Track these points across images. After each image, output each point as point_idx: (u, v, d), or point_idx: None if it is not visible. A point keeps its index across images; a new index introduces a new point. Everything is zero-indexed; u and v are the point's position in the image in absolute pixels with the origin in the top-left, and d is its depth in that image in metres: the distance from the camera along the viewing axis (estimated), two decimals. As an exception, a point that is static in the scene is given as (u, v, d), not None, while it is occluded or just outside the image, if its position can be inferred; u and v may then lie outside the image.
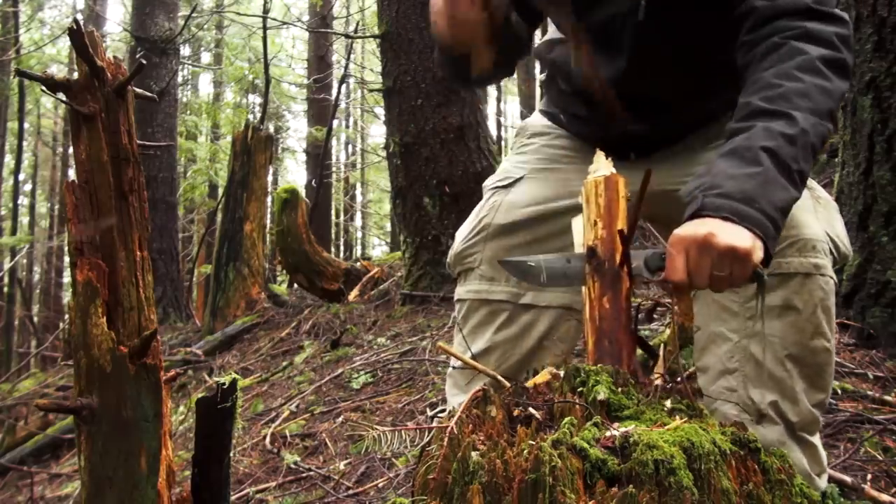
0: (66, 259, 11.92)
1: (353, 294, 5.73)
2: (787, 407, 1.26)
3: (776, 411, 1.27)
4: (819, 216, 1.31)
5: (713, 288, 1.03)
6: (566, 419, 0.81)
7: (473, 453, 0.76)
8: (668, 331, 1.29)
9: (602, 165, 1.13)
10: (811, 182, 1.34)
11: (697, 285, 1.02)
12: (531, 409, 0.89)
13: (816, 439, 1.35)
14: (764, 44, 1.16)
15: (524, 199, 1.48)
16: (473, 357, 1.44)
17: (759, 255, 1.01)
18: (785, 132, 1.07)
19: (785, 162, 1.06)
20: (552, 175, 1.48)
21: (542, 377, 1.00)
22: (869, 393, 2.18)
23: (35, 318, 14.24)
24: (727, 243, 0.99)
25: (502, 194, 1.52)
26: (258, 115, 11.62)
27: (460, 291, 1.53)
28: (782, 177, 1.05)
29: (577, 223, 1.16)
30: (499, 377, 1.11)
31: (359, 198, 19.98)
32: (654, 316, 1.05)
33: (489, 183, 1.58)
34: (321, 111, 12.45)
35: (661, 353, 1.12)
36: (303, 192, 7.00)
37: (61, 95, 1.65)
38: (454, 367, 1.52)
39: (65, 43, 12.89)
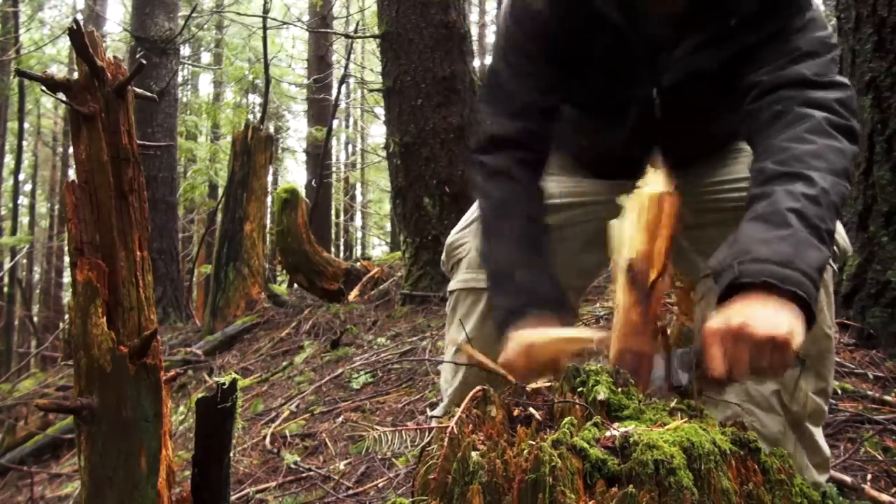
0: (66, 259, 11.93)
1: (353, 294, 5.73)
2: (788, 397, 1.27)
3: (778, 401, 1.27)
4: None
5: (756, 378, 0.99)
6: (566, 419, 0.81)
7: (473, 453, 0.76)
8: (668, 331, 1.28)
9: (654, 180, 1.12)
10: None
11: (737, 378, 0.98)
12: (531, 409, 0.89)
13: (819, 433, 1.35)
14: (768, 111, 1.18)
15: None
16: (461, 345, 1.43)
17: (798, 339, 0.97)
18: (807, 193, 1.05)
19: (813, 222, 1.04)
20: (546, 176, 1.49)
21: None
22: (869, 393, 2.18)
23: (35, 318, 14.25)
24: (764, 333, 0.95)
25: None
26: (258, 115, 11.63)
27: (451, 284, 1.54)
28: (813, 237, 1.03)
29: (617, 229, 1.14)
30: (498, 369, 1.11)
31: (359, 198, 19.98)
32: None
33: None
34: (321, 111, 12.45)
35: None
36: (303, 192, 7.00)
37: (61, 95, 1.65)
38: (445, 362, 1.53)
39: (65, 43, 12.89)
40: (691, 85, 1.27)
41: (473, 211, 1.54)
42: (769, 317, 0.96)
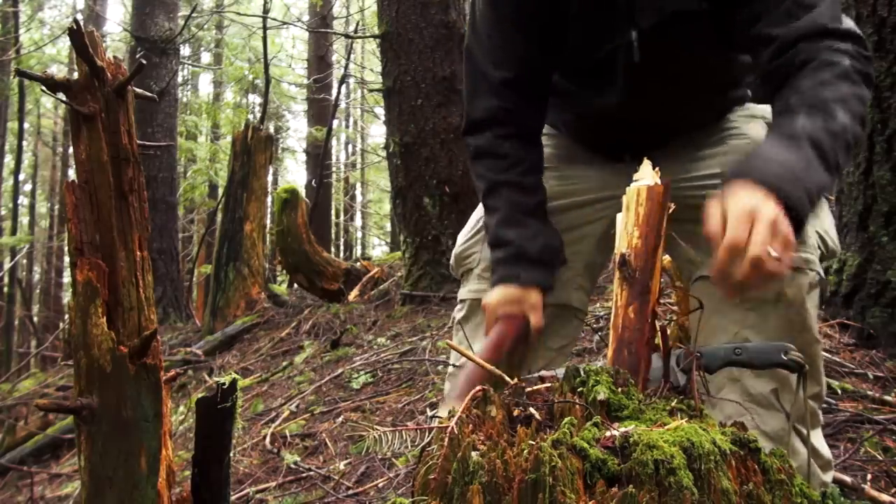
0: (66, 259, 11.93)
1: (353, 294, 5.73)
2: (786, 397, 1.27)
3: (776, 399, 1.28)
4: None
5: (752, 251, 0.99)
6: (566, 419, 0.81)
7: (473, 453, 0.75)
8: (667, 330, 1.27)
9: (647, 174, 1.11)
10: None
11: (735, 241, 1.00)
12: (531, 409, 0.89)
13: (818, 435, 1.35)
14: (791, 65, 1.20)
15: None
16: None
17: (794, 242, 1.02)
18: (826, 127, 1.11)
19: (825, 152, 1.09)
20: (548, 174, 1.48)
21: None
22: (869, 393, 2.18)
23: (35, 318, 14.25)
24: (770, 213, 1.00)
25: None
26: (258, 115, 11.63)
27: (462, 292, 1.54)
28: (822, 165, 1.09)
29: (618, 224, 1.14)
30: (502, 374, 1.11)
31: (359, 198, 19.99)
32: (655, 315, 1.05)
33: None
34: (321, 111, 12.45)
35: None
36: (303, 192, 7.00)
37: (61, 95, 1.65)
38: (454, 366, 1.52)
39: (65, 43, 12.89)
40: (672, 27, 1.27)
41: (477, 217, 1.54)
42: (773, 207, 1.01)
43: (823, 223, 1.35)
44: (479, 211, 1.55)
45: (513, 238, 1.35)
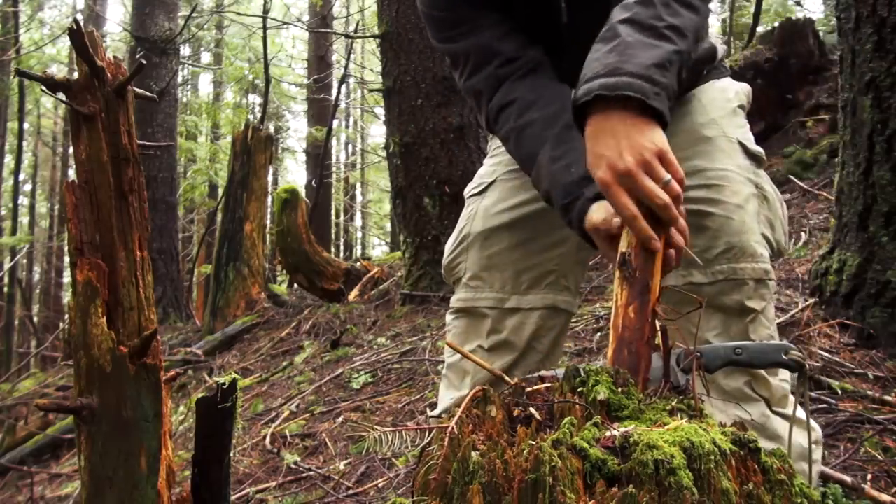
0: (66, 259, 11.93)
1: (353, 294, 5.73)
2: (760, 385, 1.30)
3: (751, 389, 1.29)
4: (760, 217, 1.32)
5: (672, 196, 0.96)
6: (566, 419, 0.81)
7: (473, 453, 0.76)
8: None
9: None
10: (761, 176, 1.34)
11: (625, 173, 0.96)
12: (531, 409, 0.89)
13: (798, 410, 1.36)
14: None
15: (498, 203, 1.47)
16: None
17: (649, 142, 0.96)
18: (638, 1, 1.06)
19: (645, 23, 1.04)
20: (525, 176, 1.47)
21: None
22: (869, 393, 2.18)
23: (35, 318, 14.25)
24: (629, 159, 0.95)
25: (478, 201, 1.51)
26: (258, 115, 11.64)
27: (453, 299, 1.54)
28: (646, 37, 1.03)
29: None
30: (498, 372, 1.11)
31: (359, 198, 19.99)
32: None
33: (468, 191, 1.57)
34: (321, 111, 12.46)
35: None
36: (303, 192, 7.01)
37: (61, 95, 1.65)
38: (448, 365, 1.52)
39: (65, 43, 12.90)
40: None
41: (460, 226, 1.52)
42: (620, 138, 0.97)
43: (775, 227, 1.34)
44: (462, 217, 1.53)
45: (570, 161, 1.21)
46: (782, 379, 1.34)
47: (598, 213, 1.12)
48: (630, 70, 0.99)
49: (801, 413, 1.36)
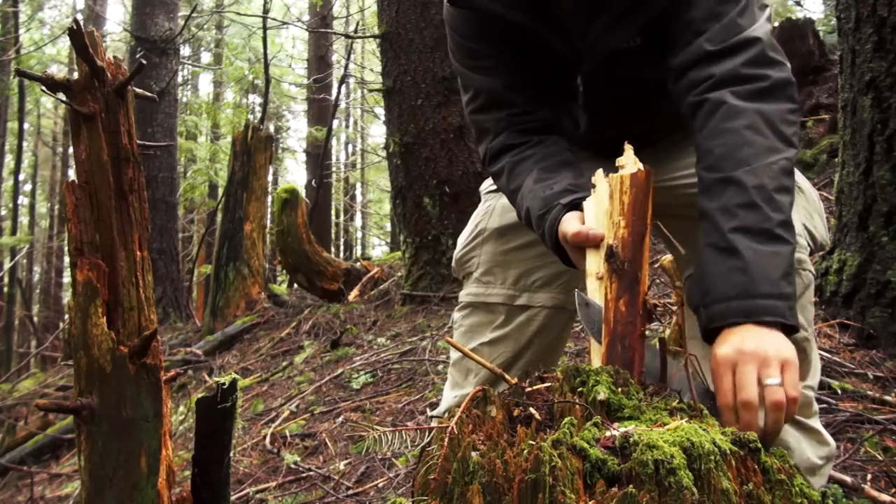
0: (66, 259, 11.93)
1: (353, 294, 5.73)
2: None
3: None
4: (798, 208, 1.31)
5: (770, 400, 0.94)
6: (566, 419, 0.81)
7: (473, 453, 0.76)
8: (668, 330, 1.27)
9: (629, 161, 1.08)
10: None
11: (747, 398, 0.94)
12: (531, 409, 0.89)
13: (816, 423, 1.35)
14: (686, 100, 1.16)
15: None
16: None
17: (786, 353, 0.95)
18: (740, 202, 1.03)
19: (758, 229, 1.01)
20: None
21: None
22: (869, 393, 2.18)
23: (35, 318, 14.25)
24: (769, 353, 0.94)
25: (495, 198, 1.53)
26: (258, 115, 11.63)
27: (462, 294, 1.55)
28: (765, 246, 1.00)
29: (589, 206, 1.11)
30: (499, 371, 1.11)
31: (359, 198, 19.99)
32: (654, 315, 1.03)
33: (484, 187, 1.60)
34: (321, 111, 12.46)
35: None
36: (303, 192, 7.01)
37: (61, 95, 1.65)
38: (452, 363, 1.53)
39: (65, 43, 12.90)
40: (613, 67, 1.26)
41: (475, 221, 1.54)
42: (759, 345, 0.95)
43: (813, 218, 1.33)
44: (478, 213, 1.55)
45: (553, 182, 1.24)
46: (807, 385, 1.31)
47: (572, 223, 1.11)
48: (762, 291, 0.98)
49: (817, 425, 1.35)
